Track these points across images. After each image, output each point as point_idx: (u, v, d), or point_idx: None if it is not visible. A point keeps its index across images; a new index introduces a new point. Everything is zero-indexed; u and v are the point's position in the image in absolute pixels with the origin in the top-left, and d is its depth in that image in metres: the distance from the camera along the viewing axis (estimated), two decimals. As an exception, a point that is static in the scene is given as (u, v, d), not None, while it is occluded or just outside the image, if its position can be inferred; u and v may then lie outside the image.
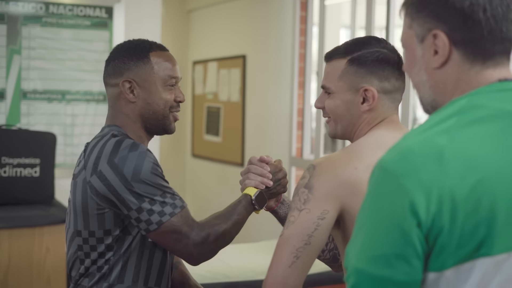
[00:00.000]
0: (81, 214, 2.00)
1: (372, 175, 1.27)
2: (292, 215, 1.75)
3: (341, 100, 1.89)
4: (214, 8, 7.04)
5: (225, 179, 6.77)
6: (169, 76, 2.08)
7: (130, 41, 2.15)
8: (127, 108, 2.07)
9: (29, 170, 4.35)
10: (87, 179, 1.96)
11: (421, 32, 1.35)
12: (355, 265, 1.24)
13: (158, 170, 1.96)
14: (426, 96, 1.37)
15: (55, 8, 4.89)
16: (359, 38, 1.96)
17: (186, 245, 1.92)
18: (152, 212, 1.90)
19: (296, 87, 5.62)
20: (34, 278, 4.14)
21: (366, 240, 1.23)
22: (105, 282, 2.01)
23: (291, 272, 1.68)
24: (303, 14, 5.60)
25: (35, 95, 4.86)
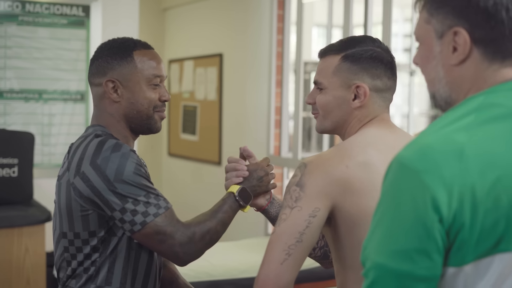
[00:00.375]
0: (66, 216, 1.98)
1: (389, 171, 1.28)
2: (283, 212, 1.76)
3: (333, 96, 1.90)
4: (190, 6, 7.02)
5: (201, 178, 6.77)
6: (153, 75, 2.05)
7: (114, 39, 2.12)
8: (111, 107, 2.05)
9: (7, 170, 4.31)
10: (71, 180, 1.95)
11: (440, 28, 1.36)
12: (374, 260, 1.25)
13: (141, 170, 1.94)
14: (441, 92, 1.38)
15: (31, 7, 4.85)
16: (354, 36, 1.97)
17: (171, 246, 1.91)
18: (136, 212, 1.89)
19: (273, 86, 5.63)
20: (14, 278, 4.11)
21: (386, 235, 1.24)
22: (92, 284, 1.99)
23: (283, 269, 1.69)
24: (280, 13, 5.62)
25: (11, 94, 4.81)
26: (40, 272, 4.19)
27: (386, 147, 1.85)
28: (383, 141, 1.86)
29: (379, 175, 1.77)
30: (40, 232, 4.19)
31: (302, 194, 1.76)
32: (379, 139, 1.86)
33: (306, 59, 8.03)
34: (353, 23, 4.84)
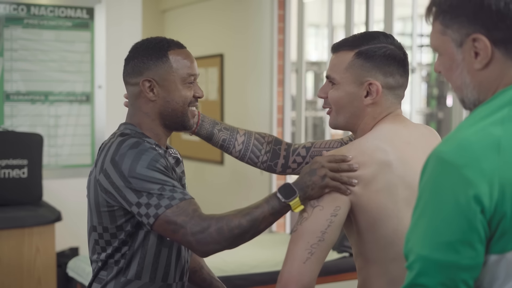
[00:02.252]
0: (95, 210, 2.05)
1: (427, 166, 1.34)
2: (305, 211, 1.80)
3: (345, 92, 1.93)
4: (189, 7, 7.07)
5: (204, 178, 6.82)
6: (188, 74, 2.09)
7: (148, 39, 2.16)
8: (146, 106, 2.10)
9: (17, 171, 4.36)
10: (97, 177, 2.02)
11: (458, 37, 1.41)
12: (419, 253, 1.30)
13: (157, 165, 1.97)
14: (469, 96, 1.44)
15: (36, 10, 4.89)
16: (367, 32, 1.99)
17: (184, 235, 1.92)
18: (149, 206, 1.93)
19: (275, 85, 5.68)
20: (25, 278, 4.16)
21: (430, 228, 1.30)
22: (123, 277, 2.05)
23: (306, 268, 1.73)
24: (281, 12, 5.68)
25: (18, 96, 4.86)
26: (51, 272, 4.23)
27: (402, 142, 1.88)
28: (398, 137, 1.89)
29: (396, 171, 1.82)
30: (50, 232, 4.24)
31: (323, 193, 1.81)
32: (395, 135, 1.89)
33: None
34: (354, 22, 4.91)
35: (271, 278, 4.09)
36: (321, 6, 9.19)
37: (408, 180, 1.83)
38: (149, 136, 2.10)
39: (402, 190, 1.82)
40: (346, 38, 1.99)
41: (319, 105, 9.59)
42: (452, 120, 4.13)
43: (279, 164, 2.29)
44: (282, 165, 2.29)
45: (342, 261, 4.27)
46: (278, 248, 4.46)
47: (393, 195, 1.81)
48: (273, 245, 4.58)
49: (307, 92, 9.69)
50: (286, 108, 5.70)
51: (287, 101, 5.69)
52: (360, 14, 5.58)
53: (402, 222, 1.81)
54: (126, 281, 2.05)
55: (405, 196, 1.82)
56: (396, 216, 1.81)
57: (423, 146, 1.93)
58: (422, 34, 9.81)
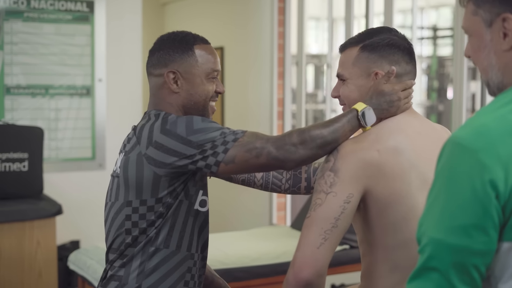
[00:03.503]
0: (134, 186, 2.07)
1: (443, 151, 1.34)
2: (318, 197, 1.81)
3: (355, 86, 1.97)
4: (189, 1, 7.07)
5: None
6: (211, 69, 2.14)
7: (174, 33, 2.20)
8: (170, 97, 2.14)
9: (17, 164, 4.37)
10: (143, 152, 2.04)
11: (489, 17, 1.42)
12: (432, 236, 1.31)
13: (209, 119, 2.04)
14: (494, 78, 1.44)
15: (36, 3, 4.89)
16: (372, 28, 2.04)
17: (268, 154, 1.95)
18: (216, 146, 1.97)
19: (275, 78, 5.69)
20: (26, 271, 4.17)
21: (444, 212, 1.30)
22: (151, 247, 2.08)
23: (320, 253, 1.74)
24: (281, 5, 5.67)
25: (18, 90, 4.86)
26: (52, 265, 4.25)
27: (413, 132, 1.92)
28: (410, 127, 1.93)
29: (408, 159, 1.85)
30: (51, 225, 4.25)
31: (337, 180, 1.81)
32: (406, 125, 1.93)
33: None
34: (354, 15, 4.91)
35: (272, 270, 4.10)
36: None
37: (419, 169, 1.86)
38: None
39: (414, 178, 1.85)
40: (351, 37, 2.04)
41: (320, 98, 9.60)
42: (452, 112, 4.14)
43: (302, 187, 2.32)
44: (305, 187, 2.32)
45: (342, 253, 4.28)
46: (279, 240, 4.47)
47: (406, 183, 1.84)
48: (274, 237, 4.59)
49: (307, 85, 9.69)
50: (287, 101, 5.70)
51: (288, 94, 5.70)
52: (360, 6, 5.58)
53: (413, 209, 1.84)
54: (154, 250, 2.08)
55: (417, 184, 1.85)
56: (406, 204, 1.84)
57: (434, 137, 1.96)
58: (422, 27, 9.81)
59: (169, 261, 2.09)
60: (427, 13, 10.14)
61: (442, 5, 9.96)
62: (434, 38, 9.72)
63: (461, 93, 4.03)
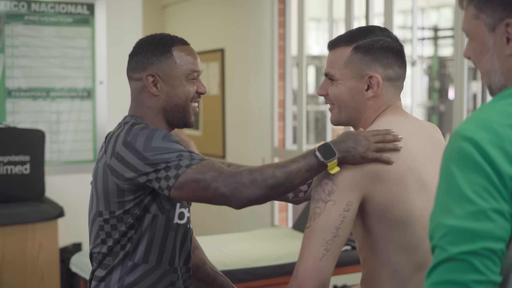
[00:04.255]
0: (102, 196, 2.07)
1: (449, 145, 1.34)
2: (317, 206, 1.79)
3: (346, 87, 1.94)
4: (190, 2, 7.08)
5: (206, 172, 6.82)
6: (191, 70, 2.13)
7: (152, 35, 2.19)
8: (150, 101, 2.13)
9: (19, 167, 4.37)
10: (107, 162, 2.04)
11: (491, 21, 1.42)
12: (450, 224, 1.28)
13: (172, 138, 2.00)
14: (496, 82, 1.45)
15: (37, 6, 4.90)
16: (362, 27, 2.01)
17: (216, 189, 1.90)
18: (169, 168, 1.94)
19: (276, 79, 5.69)
20: (28, 274, 4.17)
21: (460, 199, 1.29)
22: (130, 261, 2.08)
23: (323, 265, 1.73)
24: (281, 7, 5.68)
25: (19, 93, 4.87)
26: (54, 268, 4.25)
27: (406, 133, 1.90)
28: (402, 128, 1.91)
29: (404, 163, 1.84)
30: (53, 228, 4.25)
31: (335, 188, 1.80)
32: (399, 127, 1.90)
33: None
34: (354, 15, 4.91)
35: (274, 271, 4.10)
36: (321, 0, 9.19)
37: (415, 172, 1.85)
38: None
39: (411, 182, 1.84)
40: (342, 35, 2.00)
41: (321, 99, 9.60)
42: (454, 113, 4.14)
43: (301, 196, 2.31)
44: (304, 197, 2.30)
45: (344, 254, 4.28)
46: (281, 241, 4.47)
47: (404, 187, 1.83)
48: (276, 238, 4.59)
49: (308, 86, 9.69)
50: (287, 102, 5.71)
51: (288, 95, 5.70)
52: (360, 7, 5.58)
53: (411, 214, 1.83)
54: (133, 265, 2.08)
55: (414, 188, 1.84)
56: (405, 208, 1.83)
57: (426, 137, 1.95)
58: (423, 27, 9.81)
59: (149, 276, 2.09)
60: (428, 13, 10.13)
61: (443, 5, 9.95)
62: (435, 38, 9.72)
63: (462, 94, 4.03)
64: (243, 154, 6.18)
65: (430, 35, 9.90)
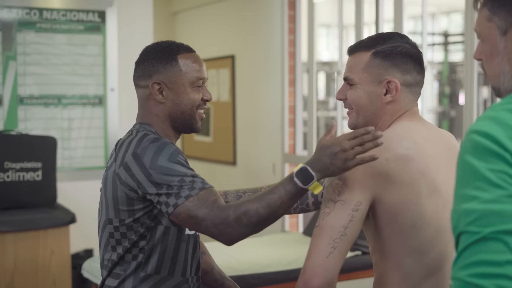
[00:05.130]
0: (112, 204, 2.09)
1: (464, 141, 1.34)
2: (327, 206, 1.81)
3: (364, 91, 1.96)
4: (200, 9, 7.11)
5: (217, 179, 6.84)
6: (196, 78, 2.15)
7: (158, 43, 2.21)
8: (156, 108, 2.16)
9: (31, 174, 4.40)
10: (116, 171, 2.07)
11: (504, 25, 1.44)
12: (477, 208, 1.26)
13: (178, 158, 2.01)
14: (506, 85, 1.46)
15: (48, 14, 4.94)
16: (382, 33, 2.03)
17: (206, 227, 1.95)
18: (169, 195, 1.97)
19: (286, 85, 5.71)
20: (40, 280, 4.20)
21: (483, 187, 1.27)
22: (142, 272, 2.10)
23: (329, 262, 1.75)
24: (291, 13, 5.70)
25: (31, 100, 4.91)
26: (66, 273, 4.27)
27: (421, 139, 1.91)
28: (418, 133, 1.93)
29: (417, 167, 1.85)
30: (65, 234, 4.28)
31: (345, 188, 1.81)
32: (414, 132, 1.92)
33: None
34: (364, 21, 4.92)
35: (285, 276, 4.11)
36: (331, 6, 9.21)
37: (428, 176, 1.86)
38: (161, 136, 2.14)
39: (423, 185, 1.85)
40: (361, 40, 2.03)
41: (331, 105, 9.60)
42: (464, 118, 4.14)
43: (310, 203, 2.32)
44: (313, 203, 2.32)
45: (355, 259, 4.29)
46: (291, 247, 4.48)
47: (415, 190, 1.84)
48: (286, 244, 4.61)
49: (318, 92, 9.70)
50: (298, 108, 5.72)
51: (299, 101, 5.72)
52: (370, 13, 5.60)
53: (422, 217, 1.85)
54: (145, 276, 2.09)
55: (425, 191, 1.85)
56: (416, 211, 1.84)
57: (441, 144, 1.97)
58: (433, 33, 9.81)
59: (162, 286, 2.11)
60: (438, 19, 10.13)
61: (453, 10, 9.95)
62: (445, 44, 9.72)
63: (472, 99, 4.04)
64: (254, 160, 6.19)
65: (440, 41, 9.90)
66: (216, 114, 6.76)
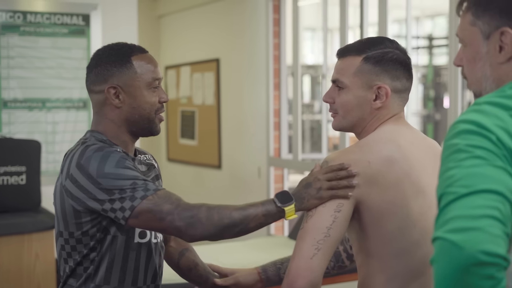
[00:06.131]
0: (61, 216, 2.05)
1: (450, 130, 1.36)
2: (309, 210, 1.86)
3: (354, 95, 1.96)
4: (185, 13, 7.10)
5: (202, 182, 6.84)
6: (152, 79, 2.10)
7: (110, 46, 2.16)
8: (112, 113, 2.10)
9: (15, 178, 4.37)
10: (63, 183, 2.03)
11: (487, 29, 1.46)
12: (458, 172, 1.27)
13: (126, 163, 1.98)
14: (488, 89, 1.48)
15: (32, 17, 4.92)
16: (372, 37, 2.04)
17: (171, 222, 1.92)
18: (124, 199, 1.94)
19: (271, 89, 5.71)
20: (24, 284, 4.17)
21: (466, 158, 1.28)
22: (91, 283, 2.06)
23: (313, 263, 1.77)
24: (276, 16, 5.71)
25: (15, 104, 4.88)
26: (51, 278, 4.25)
27: (406, 142, 1.93)
28: (402, 136, 1.94)
29: (401, 168, 1.86)
30: (49, 238, 4.25)
31: None
32: (399, 135, 1.94)
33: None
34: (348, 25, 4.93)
35: (270, 280, 4.10)
36: (316, 9, 9.23)
37: (412, 178, 1.88)
38: (116, 143, 2.11)
39: (408, 187, 1.86)
40: (351, 44, 2.03)
41: (316, 108, 9.62)
42: (449, 121, 4.16)
43: (344, 259, 2.32)
44: (347, 257, 2.32)
45: (340, 263, 4.29)
46: (276, 250, 4.48)
47: (400, 192, 1.86)
48: (271, 247, 4.60)
49: (303, 95, 9.71)
50: (283, 112, 5.73)
51: (284, 104, 5.72)
52: (355, 17, 5.60)
53: (407, 218, 1.86)
54: (94, 287, 2.06)
55: (410, 193, 1.86)
56: (401, 213, 1.86)
57: (425, 147, 1.98)
58: (418, 36, 9.85)
59: None
60: (422, 22, 10.18)
61: (437, 14, 10.00)
62: (429, 47, 9.76)
63: (457, 102, 4.05)
64: (239, 163, 6.19)
65: (424, 44, 9.94)
66: (201, 117, 6.75)
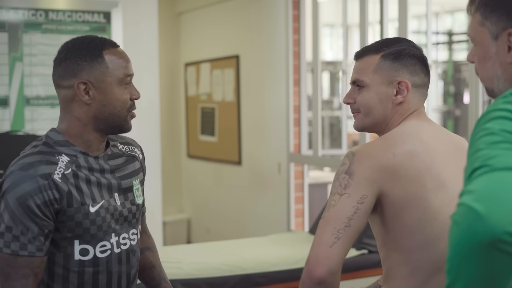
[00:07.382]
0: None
1: (484, 117, 1.36)
2: (332, 199, 1.85)
3: (375, 93, 1.99)
4: (205, 10, 7.13)
5: (222, 179, 6.86)
6: (124, 74, 1.99)
7: (80, 38, 2.05)
8: (80, 110, 1.98)
9: (38, 174, 4.42)
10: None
11: (495, 30, 1.48)
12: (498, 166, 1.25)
13: (27, 202, 1.86)
14: (501, 87, 1.50)
15: (54, 15, 4.96)
16: (389, 38, 2.08)
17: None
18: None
19: (291, 85, 5.73)
20: None
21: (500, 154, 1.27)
22: None
23: (332, 252, 1.78)
24: (296, 13, 5.72)
25: (38, 101, 4.92)
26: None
27: (428, 137, 1.95)
28: (425, 131, 1.97)
29: (423, 161, 1.88)
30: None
31: (351, 182, 1.85)
32: (421, 130, 1.97)
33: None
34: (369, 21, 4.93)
35: (291, 275, 4.13)
36: (335, 5, 9.23)
37: (434, 171, 1.90)
38: (75, 143, 2.00)
39: (429, 180, 1.88)
40: (367, 46, 2.07)
41: (336, 104, 9.61)
42: (469, 117, 4.15)
43: None
44: None
45: (361, 258, 4.30)
46: (298, 246, 4.50)
47: (421, 185, 1.88)
48: (293, 243, 4.62)
49: (323, 91, 9.71)
50: (303, 108, 5.74)
51: (303, 101, 5.73)
52: (374, 13, 5.61)
53: (427, 211, 1.87)
54: None
55: (432, 186, 1.88)
56: (422, 206, 1.87)
57: (448, 142, 2.00)
58: (438, 32, 9.81)
59: None
60: (442, 18, 10.14)
61: (457, 9, 9.96)
62: (449, 43, 9.72)
63: (477, 98, 4.05)
64: (259, 160, 6.21)
65: (444, 40, 9.90)
66: (221, 114, 6.77)
